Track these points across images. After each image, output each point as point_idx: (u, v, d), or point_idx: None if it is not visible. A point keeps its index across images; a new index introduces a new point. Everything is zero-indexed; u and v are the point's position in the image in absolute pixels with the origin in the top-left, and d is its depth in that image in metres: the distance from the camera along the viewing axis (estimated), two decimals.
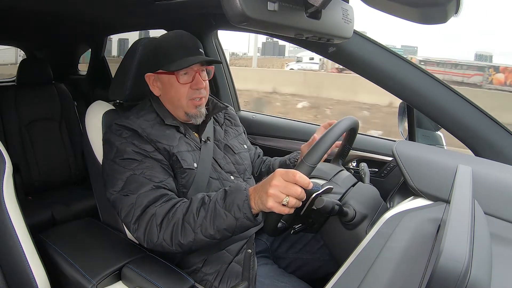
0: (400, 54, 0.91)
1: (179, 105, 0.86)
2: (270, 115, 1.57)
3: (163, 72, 0.84)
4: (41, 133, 1.70)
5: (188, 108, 0.86)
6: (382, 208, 0.78)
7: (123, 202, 0.75)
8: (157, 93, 0.88)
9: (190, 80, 0.84)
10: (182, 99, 0.85)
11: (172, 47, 0.84)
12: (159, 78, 0.86)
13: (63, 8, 1.30)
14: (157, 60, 0.84)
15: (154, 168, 0.78)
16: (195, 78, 0.84)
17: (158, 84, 0.87)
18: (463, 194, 0.49)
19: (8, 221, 0.70)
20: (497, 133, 0.84)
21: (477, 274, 0.34)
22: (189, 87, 0.84)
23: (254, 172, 1.07)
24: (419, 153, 0.74)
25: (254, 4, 0.48)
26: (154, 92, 0.88)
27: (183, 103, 0.85)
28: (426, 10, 0.45)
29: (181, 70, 0.82)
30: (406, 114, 1.07)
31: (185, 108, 0.86)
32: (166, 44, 0.85)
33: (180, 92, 0.84)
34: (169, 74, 0.83)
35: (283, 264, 0.94)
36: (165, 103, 0.88)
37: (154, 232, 0.72)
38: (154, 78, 0.87)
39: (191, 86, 0.84)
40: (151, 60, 0.87)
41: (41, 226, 1.34)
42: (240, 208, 0.67)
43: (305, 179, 0.63)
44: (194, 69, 0.84)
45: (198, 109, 0.87)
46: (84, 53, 2.33)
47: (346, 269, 0.53)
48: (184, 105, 0.85)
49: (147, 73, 0.87)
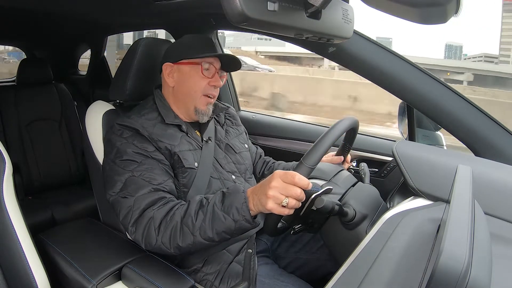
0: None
1: (193, 98, 0.87)
2: (270, 115, 1.57)
3: (187, 62, 0.86)
4: (41, 133, 1.70)
5: (199, 104, 0.88)
6: (382, 208, 0.78)
7: (121, 204, 0.75)
8: (171, 84, 0.89)
9: (210, 76, 0.87)
10: (198, 92, 0.87)
11: (198, 41, 0.89)
12: (179, 69, 0.87)
13: (63, 8, 1.30)
14: (182, 51, 0.88)
15: (154, 170, 0.78)
16: (214, 75, 0.87)
17: (175, 75, 0.88)
18: (463, 194, 0.49)
19: (8, 221, 0.70)
20: (497, 133, 0.84)
21: (477, 274, 0.34)
22: (207, 83, 0.87)
23: (256, 172, 1.07)
24: (419, 153, 0.74)
25: (254, 4, 0.47)
26: (168, 82, 0.89)
27: (197, 96, 0.87)
28: (426, 10, 0.45)
29: (206, 61, 0.86)
30: (406, 114, 1.07)
31: (197, 103, 0.88)
32: (191, 39, 0.90)
33: (198, 84, 0.86)
34: (194, 64, 0.86)
35: (283, 264, 0.94)
36: (177, 96, 0.89)
37: (152, 235, 0.72)
38: (173, 69, 0.88)
39: (210, 82, 0.87)
40: (173, 52, 0.89)
41: (41, 226, 1.34)
42: (239, 210, 0.67)
43: (304, 180, 0.63)
44: (216, 67, 0.87)
45: (208, 107, 0.89)
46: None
47: (346, 269, 0.53)
48: (197, 98, 0.87)
49: (166, 63, 0.88)
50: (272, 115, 1.59)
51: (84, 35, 2.02)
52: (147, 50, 0.95)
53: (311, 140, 1.28)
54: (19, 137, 1.64)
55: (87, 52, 2.21)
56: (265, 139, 1.44)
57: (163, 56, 0.91)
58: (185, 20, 1.28)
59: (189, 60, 0.86)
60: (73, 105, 1.83)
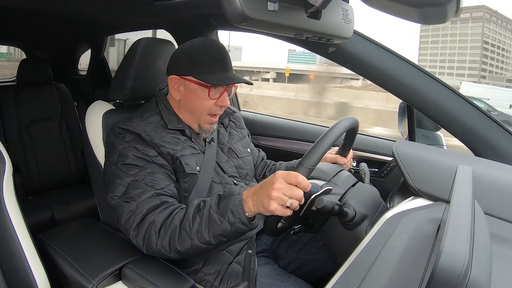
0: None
1: (197, 117, 0.84)
2: (270, 115, 1.57)
3: (195, 81, 0.80)
4: (41, 133, 1.70)
5: (204, 122, 0.85)
6: (382, 208, 0.78)
7: (123, 208, 0.75)
8: (177, 98, 0.84)
9: (217, 96, 0.82)
10: (204, 112, 0.83)
11: (210, 59, 0.81)
12: (186, 85, 0.82)
13: (63, 8, 1.30)
14: (190, 67, 0.81)
15: (156, 174, 0.77)
16: (222, 95, 0.82)
17: (181, 89, 0.83)
18: (463, 194, 0.49)
19: (8, 221, 0.70)
20: (497, 133, 0.84)
21: (477, 274, 0.34)
22: (214, 103, 0.82)
23: (256, 175, 1.07)
24: (419, 153, 0.74)
25: (254, 4, 0.48)
26: (174, 95, 0.84)
27: (202, 116, 0.84)
28: (426, 10, 0.45)
29: (218, 86, 0.80)
30: (406, 114, 1.07)
31: (201, 122, 0.85)
32: (203, 53, 0.81)
33: (205, 105, 0.82)
34: (202, 85, 0.80)
35: (283, 264, 0.94)
36: (182, 110, 0.86)
37: (152, 239, 0.72)
38: (179, 82, 0.83)
39: (217, 103, 0.82)
40: (181, 64, 0.82)
41: (41, 226, 1.34)
42: (234, 213, 0.66)
43: (305, 181, 0.63)
44: (224, 86, 0.82)
45: (212, 126, 0.87)
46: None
47: (346, 269, 0.53)
48: (202, 118, 0.84)
49: (172, 75, 0.83)
50: (272, 115, 1.59)
51: (84, 35, 2.02)
52: (147, 50, 0.95)
53: (311, 140, 1.28)
54: (19, 137, 1.64)
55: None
56: (265, 139, 1.44)
57: (169, 64, 0.86)
58: (185, 20, 1.28)
59: (196, 80, 0.80)
60: (73, 105, 1.83)
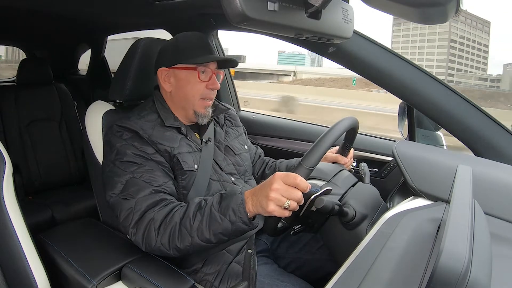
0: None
1: (191, 102, 0.87)
2: (270, 115, 1.57)
3: (183, 67, 0.84)
4: (41, 133, 1.70)
5: (198, 107, 0.87)
6: (382, 208, 0.78)
7: (122, 206, 0.75)
8: (168, 89, 0.88)
9: (207, 79, 0.85)
10: (196, 96, 0.86)
11: (194, 44, 0.86)
12: (175, 74, 0.86)
13: (63, 8, 1.30)
14: (177, 55, 0.85)
15: (154, 171, 0.78)
16: (211, 78, 0.86)
17: (171, 80, 0.87)
18: (463, 194, 0.49)
19: (8, 221, 0.70)
20: (498, 133, 0.84)
21: (477, 274, 0.34)
22: (205, 86, 0.86)
23: (255, 172, 1.07)
24: (419, 153, 0.74)
25: (254, 4, 0.48)
26: (165, 87, 0.88)
27: (195, 100, 0.86)
28: (426, 10, 0.45)
29: (201, 65, 0.84)
30: (406, 114, 1.07)
31: (196, 107, 0.87)
32: (186, 41, 0.87)
33: (196, 88, 0.85)
34: (189, 69, 0.84)
35: (283, 264, 0.94)
36: (175, 101, 0.88)
37: (152, 236, 0.72)
38: (168, 73, 0.87)
39: (207, 86, 0.86)
40: (168, 56, 0.87)
41: (41, 226, 1.35)
42: (235, 211, 0.67)
43: (304, 182, 0.63)
44: (211, 68, 0.86)
45: (207, 109, 0.89)
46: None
47: (346, 269, 0.53)
48: (196, 103, 0.87)
49: (161, 68, 0.87)
50: (272, 115, 1.59)
51: (84, 35, 2.02)
52: (147, 50, 0.95)
53: (311, 140, 1.28)
54: (19, 137, 1.64)
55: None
56: (265, 139, 1.44)
57: (157, 60, 0.89)
58: (185, 20, 1.28)
59: (184, 65, 0.85)
60: (73, 105, 1.83)
